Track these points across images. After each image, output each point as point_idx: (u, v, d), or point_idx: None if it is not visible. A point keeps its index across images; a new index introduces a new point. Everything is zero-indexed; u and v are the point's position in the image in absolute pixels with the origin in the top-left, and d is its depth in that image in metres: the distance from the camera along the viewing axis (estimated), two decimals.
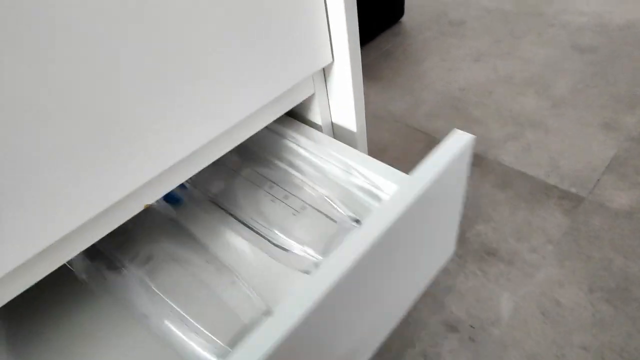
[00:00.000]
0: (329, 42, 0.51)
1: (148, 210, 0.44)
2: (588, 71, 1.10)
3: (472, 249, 0.76)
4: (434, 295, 0.70)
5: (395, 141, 1.02)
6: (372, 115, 1.10)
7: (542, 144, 0.92)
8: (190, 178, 0.45)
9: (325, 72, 0.57)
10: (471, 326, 0.65)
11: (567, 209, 0.79)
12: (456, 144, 0.44)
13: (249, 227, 0.48)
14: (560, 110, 1.00)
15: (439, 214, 0.49)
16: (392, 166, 0.96)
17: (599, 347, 0.60)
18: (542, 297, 0.67)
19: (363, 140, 0.61)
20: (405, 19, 1.51)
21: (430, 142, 0.99)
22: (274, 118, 0.52)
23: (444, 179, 0.42)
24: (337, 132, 0.62)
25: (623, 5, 1.32)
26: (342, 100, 0.57)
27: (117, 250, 0.45)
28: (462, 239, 0.77)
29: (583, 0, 1.38)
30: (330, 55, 0.52)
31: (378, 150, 1.00)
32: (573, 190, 0.82)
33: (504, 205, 0.82)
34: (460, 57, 1.26)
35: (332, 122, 0.61)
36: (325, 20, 0.49)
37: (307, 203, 0.50)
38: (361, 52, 0.53)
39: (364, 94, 0.57)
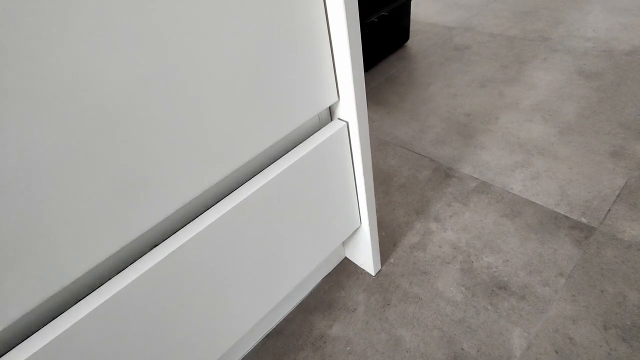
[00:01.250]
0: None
1: None
2: (594, 97, 1.10)
3: (482, 281, 0.74)
4: (442, 330, 0.69)
5: (402, 167, 1.01)
6: (378, 140, 1.10)
7: (550, 172, 0.92)
8: None
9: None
10: None
11: (578, 240, 0.77)
12: (330, 129, 0.53)
13: None
14: (568, 137, 1.00)
15: (324, 186, 0.56)
16: (399, 193, 0.95)
17: None
18: (555, 334, 0.65)
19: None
20: (410, 43, 1.53)
21: (436, 168, 0.99)
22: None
23: (317, 156, 0.50)
24: None
25: (628, 31, 1.32)
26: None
27: None
28: (472, 271, 0.76)
29: (588, 26, 1.39)
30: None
31: (384, 176, 1.00)
32: (584, 220, 0.81)
33: (513, 235, 0.81)
34: (465, 82, 1.26)
35: None
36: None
37: None
38: (366, 76, 0.53)
39: (370, 118, 0.57)
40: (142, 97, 0.34)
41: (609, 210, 0.81)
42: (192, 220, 0.44)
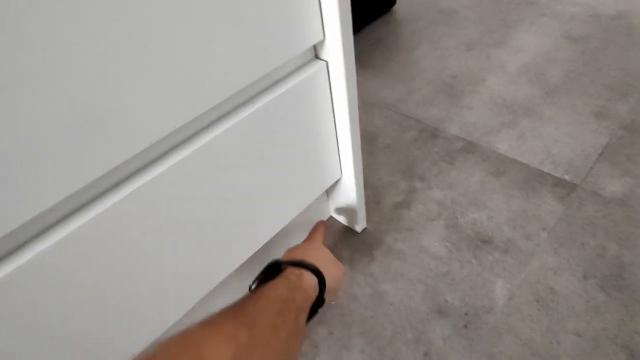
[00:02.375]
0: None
1: None
2: (580, 60, 1.09)
3: (466, 237, 0.74)
4: (426, 283, 0.69)
5: (387, 128, 1.00)
6: (364, 102, 1.08)
7: (536, 132, 0.91)
8: None
9: None
10: (465, 313, 0.64)
11: (561, 196, 0.78)
12: (308, 69, 0.50)
13: None
14: (554, 98, 0.99)
15: (301, 131, 0.54)
16: (384, 154, 0.95)
17: (593, 334, 0.59)
18: (537, 284, 0.66)
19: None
20: (397, 7, 1.48)
21: (422, 129, 0.98)
22: None
23: (293, 98, 0.49)
24: None
25: None
26: None
27: None
28: (456, 227, 0.76)
29: None
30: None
31: (370, 137, 0.98)
32: (567, 177, 0.81)
33: (498, 193, 0.81)
34: (452, 45, 1.24)
35: None
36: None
37: None
38: (353, 40, 0.50)
39: (356, 80, 0.55)
40: (107, 32, 0.30)
41: (592, 167, 0.82)
42: (159, 159, 0.41)
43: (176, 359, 0.27)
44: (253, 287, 0.40)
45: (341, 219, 0.80)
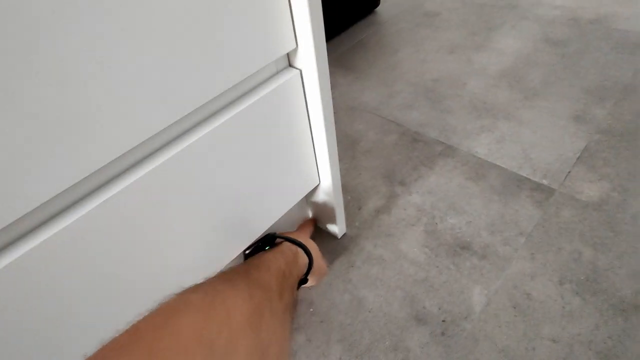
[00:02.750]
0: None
1: None
2: (559, 64, 1.10)
3: (445, 242, 0.74)
4: (404, 289, 0.68)
5: (368, 132, 0.99)
6: (345, 105, 1.07)
7: (515, 136, 0.92)
8: None
9: None
10: (443, 320, 0.64)
11: (539, 201, 0.78)
12: (281, 77, 0.50)
13: None
14: (533, 102, 1.00)
15: (276, 138, 0.54)
16: (365, 158, 0.94)
17: (568, 339, 0.60)
18: (514, 290, 0.66)
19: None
20: (380, 9, 1.48)
21: (403, 133, 0.97)
22: None
23: (266, 106, 0.49)
24: None
25: (594, 0, 1.33)
26: None
27: None
28: (435, 232, 0.76)
29: None
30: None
31: (351, 141, 0.98)
32: (545, 182, 0.82)
33: (477, 197, 0.81)
34: (434, 48, 1.24)
35: None
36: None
37: None
38: (335, 42, 0.50)
39: (337, 83, 0.54)
40: (84, 38, 0.29)
41: (569, 172, 0.83)
42: (131, 167, 0.40)
43: (208, 307, 0.27)
44: (247, 252, 0.45)
45: (321, 224, 0.79)
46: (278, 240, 0.45)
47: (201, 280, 0.32)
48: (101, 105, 0.34)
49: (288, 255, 0.43)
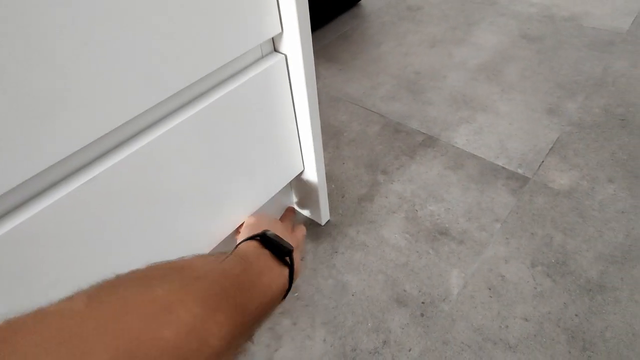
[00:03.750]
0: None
1: None
2: (535, 59, 1.14)
3: (424, 228, 0.77)
4: (386, 274, 0.71)
5: (352, 123, 1.01)
6: (329, 96, 1.08)
7: (492, 128, 0.95)
8: None
9: None
10: (422, 302, 0.67)
11: (514, 189, 0.82)
12: (266, 62, 0.51)
13: None
14: (510, 95, 1.04)
15: (260, 124, 0.54)
16: (349, 148, 0.96)
17: (539, 318, 0.63)
18: (489, 273, 0.69)
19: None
20: (364, 2, 1.50)
21: (386, 124, 0.99)
22: None
23: (251, 90, 0.49)
24: None
25: None
26: None
27: None
28: (416, 219, 0.79)
29: None
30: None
31: (335, 131, 0.99)
32: (520, 171, 0.85)
33: (455, 186, 0.84)
34: (416, 42, 1.27)
35: None
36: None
37: None
38: (319, 34, 0.51)
39: (322, 75, 0.55)
40: (59, 15, 0.29)
41: (542, 162, 0.87)
42: (112, 150, 0.40)
43: (186, 334, 0.23)
44: (238, 242, 0.40)
45: (305, 211, 0.81)
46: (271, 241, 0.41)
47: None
48: (83, 85, 0.34)
49: (277, 291, 0.36)
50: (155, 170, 0.44)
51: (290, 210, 0.77)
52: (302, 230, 0.59)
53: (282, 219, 0.62)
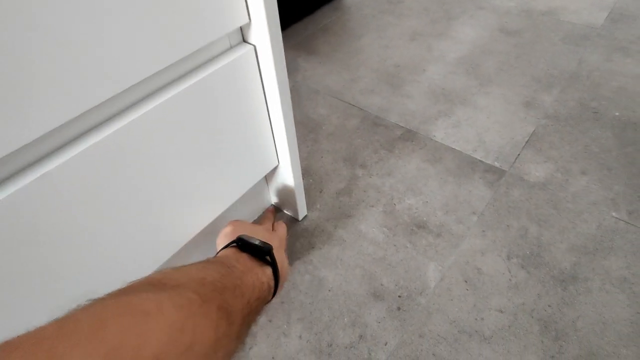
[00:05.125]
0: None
1: None
2: (513, 53, 1.15)
3: (402, 222, 0.77)
4: (363, 268, 0.70)
5: (331, 116, 1.00)
6: (309, 89, 1.07)
7: (470, 121, 0.96)
8: None
9: None
10: (399, 296, 0.66)
11: (491, 182, 0.82)
12: (234, 52, 0.50)
13: None
14: (487, 88, 1.04)
15: (230, 117, 0.53)
16: (328, 141, 0.95)
17: (513, 309, 0.64)
18: (466, 265, 0.70)
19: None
20: None
21: (365, 117, 0.99)
22: None
23: (218, 82, 0.48)
24: None
25: None
26: None
27: None
28: (394, 212, 0.78)
29: None
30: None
31: (314, 125, 0.98)
32: (496, 164, 0.86)
33: (433, 179, 0.84)
34: (397, 35, 1.26)
35: None
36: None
37: None
38: (299, 26, 0.50)
39: (301, 67, 0.54)
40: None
41: (519, 155, 0.87)
42: (72, 141, 0.39)
43: (179, 329, 0.23)
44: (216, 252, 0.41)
45: (282, 206, 0.80)
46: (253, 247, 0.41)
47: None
48: (48, 70, 0.32)
49: (263, 289, 0.37)
50: (121, 162, 0.42)
51: (270, 211, 0.76)
52: (283, 228, 0.59)
53: (261, 220, 0.61)
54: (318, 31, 1.30)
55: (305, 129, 0.97)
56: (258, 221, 0.76)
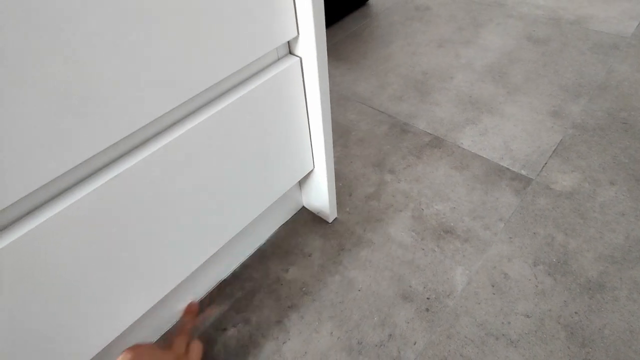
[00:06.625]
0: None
1: None
2: (540, 61, 1.16)
3: (430, 226, 0.79)
4: (392, 270, 0.73)
5: (360, 122, 1.03)
6: (338, 95, 1.10)
7: (497, 129, 0.97)
8: None
9: None
10: (427, 298, 0.69)
11: (517, 190, 0.84)
12: (282, 64, 0.53)
13: None
14: (515, 97, 1.05)
15: (274, 125, 0.56)
16: (357, 147, 0.98)
17: (540, 314, 0.65)
18: (493, 270, 0.72)
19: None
20: (372, 1, 1.51)
21: (393, 124, 1.01)
22: None
23: (267, 92, 0.52)
24: None
25: (575, 2, 1.39)
26: None
27: None
28: (422, 217, 0.81)
29: None
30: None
31: (344, 130, 1.01)
32: (523, 172, 0.87)
33: (461, 186, 0.86)
34: (424, 42, 1.28)
35: None
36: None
37: None
38: (328, 32, 0.53)
39: (331, 74, 0.57)
40: (90, 18, 0.31)
41: (546, 163, 0.88)
42: (134, 149, 0.43)
43: None
44: None
45: (313, 209, 0.83)
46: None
47: None
48: (112, 87, 0.36)
49: None
50: (173, 170, 0.46)
51: (189, 319, 0.60)
52: (198, 349, 0.52)
53: (175, 337, 0.52)
54: (346, 38, 1.33)
55: (335, 135, 1.00)
56: (179, 325, 0.67)
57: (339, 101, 1.09)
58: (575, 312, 0.65)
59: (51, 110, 0.33)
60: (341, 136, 1.00)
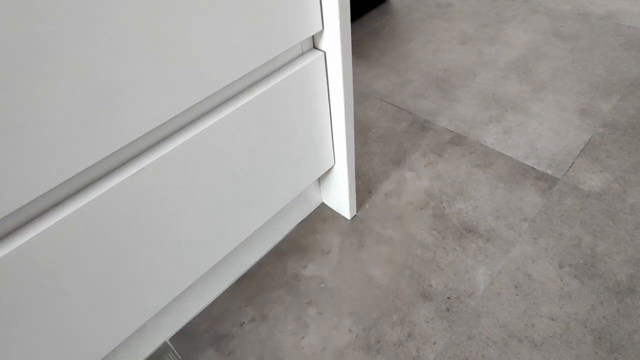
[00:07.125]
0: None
1: None
2: (568, 58, 1.12)
3: (452, 225, 0.78)
4: (412, 269, 0.72)
5: (380, 119, 1.02)
6: (358, 92, 1.10)
7: (522, 127, 0.95)
8: None
9: None
10: (448, 297, 0.68)
11: (543, 189, 0.81)
12: (306, 58, 0.52)
13: None
14: (540, 95, 1.03)
15: (297, 119, 0.56)
16: (377, 144, 0.97)
17: (565, 318, 0.63)
18: (516, 271, 0.70)
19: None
20: None
21: (414, 121, 1.00)
22: None
23: (291, 86, 0.51)
24: None
25: None
26: None
27: None
28: (443, 216, 0.79)
29: None
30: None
31: (363, 127, 1.00)
32: (549, 172, 0.85)
33: (484, 184, 0.84)
34: (446, 39, 1.26)
35: None
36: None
37: None
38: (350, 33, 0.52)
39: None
40: (122, 17, 0.32)
41: (573, 163, 0.86)
42: (159, 142, 0.43)
43: None
44: None
45: (332, 205, 0.83)
46: None
47: None
48: (142, 79, 0.37)
49: None
50: (195, 165, 0.46)
51: None
52: None
53: None
54: (367, 35, 1.32)
55: (355, 132, 0.99)
56: None
57: (358, 98, 1.08)
58: (603, 317, 0.63)
59: (80, 103, 0.33)
60: (361, 133, 0.99)
